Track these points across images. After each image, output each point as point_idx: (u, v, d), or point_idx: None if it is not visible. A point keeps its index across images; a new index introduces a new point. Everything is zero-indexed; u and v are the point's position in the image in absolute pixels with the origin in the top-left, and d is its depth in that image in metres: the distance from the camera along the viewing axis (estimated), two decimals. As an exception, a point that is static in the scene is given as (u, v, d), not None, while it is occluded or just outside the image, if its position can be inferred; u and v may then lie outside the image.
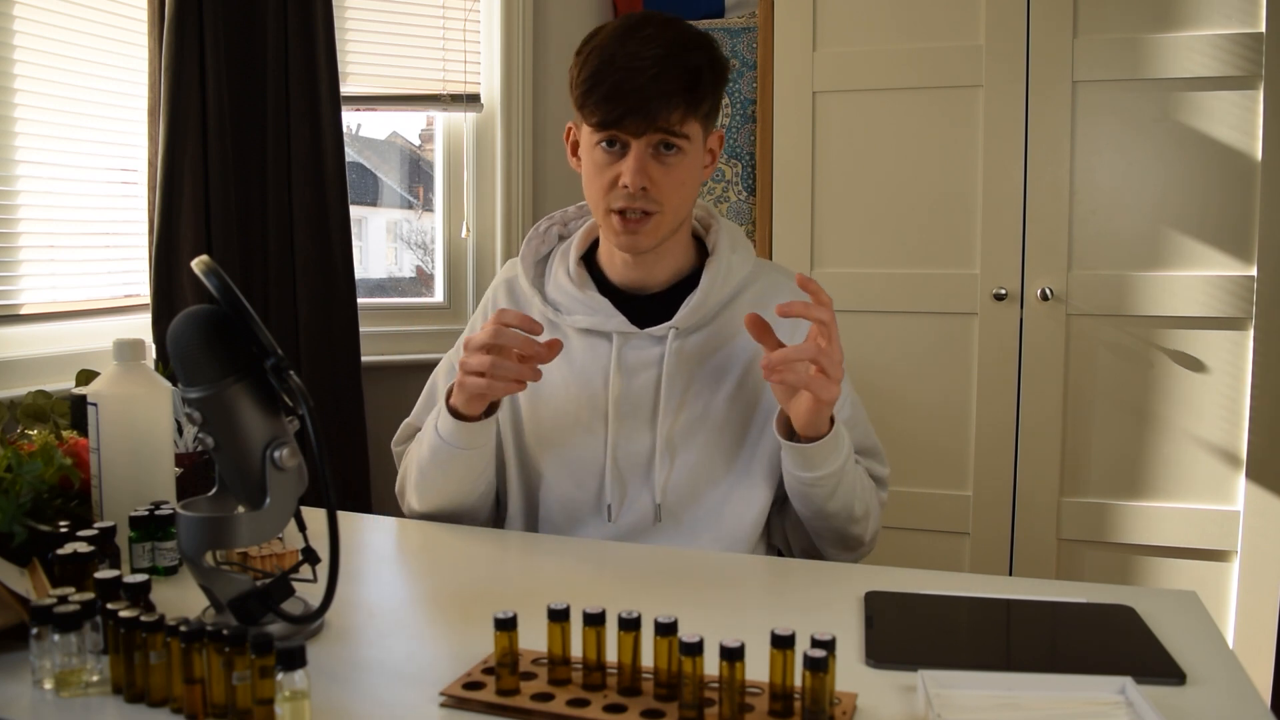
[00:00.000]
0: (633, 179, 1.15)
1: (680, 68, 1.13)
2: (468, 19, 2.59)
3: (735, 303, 1.28)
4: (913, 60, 2.31)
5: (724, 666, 0.71)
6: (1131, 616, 0.94)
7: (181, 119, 2.06)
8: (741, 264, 1.29)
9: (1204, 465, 2.20)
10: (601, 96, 1.13)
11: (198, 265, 0.85)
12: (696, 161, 1.21)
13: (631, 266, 1.27)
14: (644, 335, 1.25)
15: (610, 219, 1.19)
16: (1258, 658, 2.14)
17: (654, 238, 1.20)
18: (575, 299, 1.27)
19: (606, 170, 1.17)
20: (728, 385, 1.25)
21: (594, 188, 1.20)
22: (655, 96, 1.12)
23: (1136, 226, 2.20)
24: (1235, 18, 2.10)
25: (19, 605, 0.85)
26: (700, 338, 1.26)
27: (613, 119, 1.13)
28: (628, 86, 1.11)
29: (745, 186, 2.56)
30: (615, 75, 1.12)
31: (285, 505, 0.88)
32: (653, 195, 1.16)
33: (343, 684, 0.81)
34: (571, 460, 1.26)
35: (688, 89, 1.14)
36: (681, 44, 1.15)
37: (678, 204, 1.19)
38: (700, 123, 1.19)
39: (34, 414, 1.38)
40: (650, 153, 1.16)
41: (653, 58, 1.11)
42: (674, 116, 1.14)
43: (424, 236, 2.85)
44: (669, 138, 1.15)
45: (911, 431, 2.36)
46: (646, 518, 1.25)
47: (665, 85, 1.12)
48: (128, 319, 2.18)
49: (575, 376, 1.26)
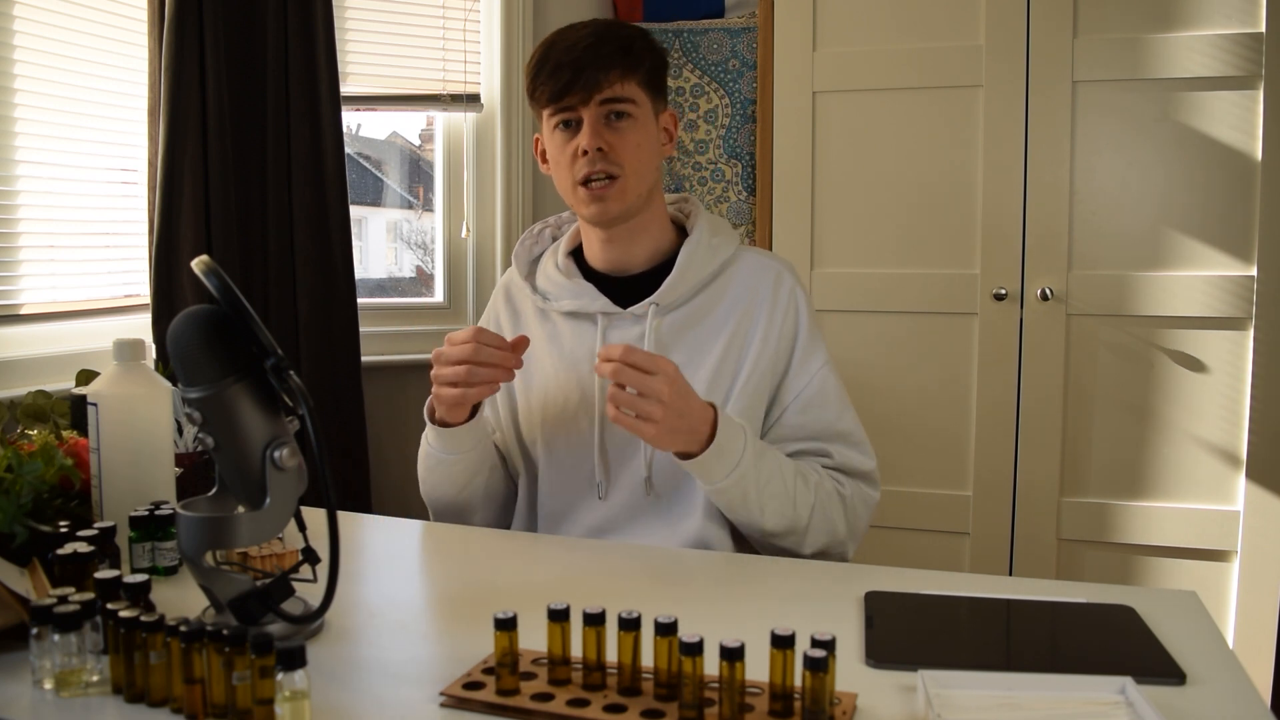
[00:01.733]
0: (589, 140, 1.23)
1: (613, 37, 1.25)
2: (468, 19, 2.59)
3: (716, 282, 1.32)
4: (913, 60, 2.31)
5: (724, 666, 0.71)
6: (1131, 616, 0.94)
7: (181, 119, 2.06)
8: (724, 246, 1.33)
9: (1204, 465, 2.20)
10: (546, 75, 1.24)
11: (198, 265, 0.85)
12: (649, 128, 1.29)
13: (609, 247, 1.33)
14: (627, 315, 1.30)
15: (578, 192, 1.27)
16: (1258, 658, 2.14)
17: (621, 202, 1.26)
18: (562, 286, 1.34)
19: (566, 148, 1.26)
20: (710, 360, 1.28)
21: (560, 171, 1.29)
22: (591, 64, 1.22)
23: (1136, 226, 2.20)
24: (1235, 18, 2.10)
25: (19, 605, 0.85)
26: (681, 315, 1.30)
27: (558, 90, 1.23)
28: (566, 60, 1.23)
29: (745, 186, 2.56)
30: (555, 56, 1.24)
31: (285, 505, 0.88)
32: (611, 158, 1.25)
33: (343, 684, 0.81)
34: (564, 443, 1.31)
35: (622, 52, 1.24)
36: (614, 25, 1.29)
37: (637, 166, 1.26)
38: (643, 89, 1.27)
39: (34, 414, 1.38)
40: (602, 122, 1.25)
41: (587, 34, 1.25)
42: (612, 77, 1.23)
43: (424, 236, 2.85)
44: (615, 105, 1.25)
45: (911, 431, 2.36)
46: (638, 494, 1.28)
47: (600, 51, 1.23)
48: (128, 319, 2.18)
49: (564, 361, 1.32)
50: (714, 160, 2.58)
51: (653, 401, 1.10)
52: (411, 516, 1.37)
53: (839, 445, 1.29)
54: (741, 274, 1.32)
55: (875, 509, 1.32)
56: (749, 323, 1.29)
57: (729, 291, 1.31)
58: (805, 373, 1.29)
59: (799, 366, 1.29)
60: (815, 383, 1.29)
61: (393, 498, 2.50)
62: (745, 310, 1.30)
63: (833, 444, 1.29)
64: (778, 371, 1.29)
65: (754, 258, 1.35)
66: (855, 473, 1.29)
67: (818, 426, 1.29)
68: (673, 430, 1.13)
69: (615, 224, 1.29)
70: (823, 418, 1.29)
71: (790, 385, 1.29)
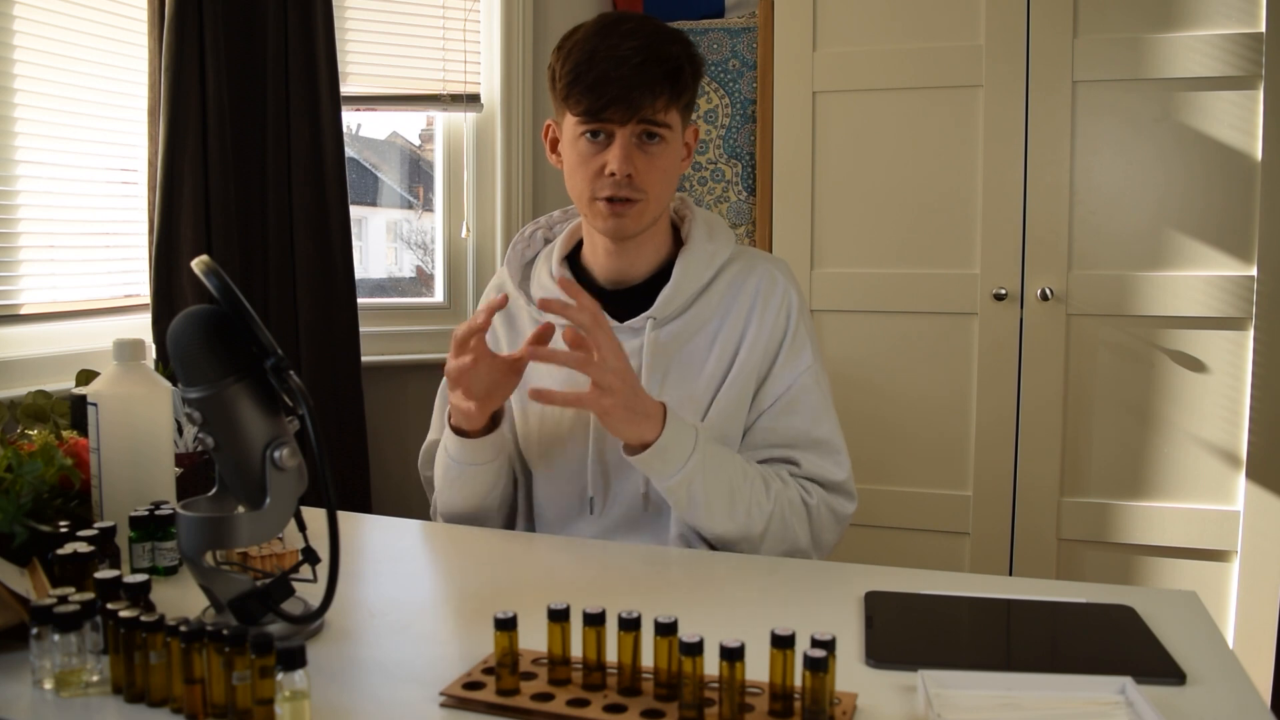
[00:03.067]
0: (619, 165, 1.18)
1: (662, 59, 1.18)
2: (468, 19, 2.59)
3: (712, 287, 1.30)
4: (913, 60, 2.31)
5: (724, 666, 0.71)
6: (1132, 616, 0.94)
7: (181, 119, 2.06)
8: (720, 250, 1.31)
9: (1204, 465, 2.20)
10: (586, 87, 1.17)
11: (198, 265, 0.85)
12: (677, 152, 1.26)
13: (614, 257, 1.30)
14: (624, 328, 1.27)
15: (596, 205, 1.23)
16: (1258, 658, 2.14)
17: (638, 223, 1.24)
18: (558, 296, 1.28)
19: (592, 160, 1.21)
20: (706, 369, 1.27)
21: (578, 178, 1.24)
22: (638, 86, 1.16)
23: (1136, 226, 2.20)
24: (1235, 18, 2.10)
25: (19, 605, 0.85)
26: (677, 326, 1.28)
27: (598, 108, 1.17)
28: (612, 76, 1.15)
29: (745, 186, 2.56)
30: (599, 66, 1.16)
31: (285, 505, 0.88)
32: (637, 183, 1.21)
33: (343, 684, 0.81)
34: (560, 455, 1.29)
35: (670, 80, 1.18)
36: (661, 38, 1.19)
37: (660, 192, 1.24)
38: (680, 114, 1.24)
39: (34, 414, 1.38)
40: (634, 142, 1.20)
41: (635, 49, 1.16)
42: (658, 105, 1.18)
43: (424, 236, 2.85)
44: (652, 127, 1.20)
45: (911, 431, 2.36)
46: (635, 508, 1.27)
47: (648, 75, 1.16)
48: (128, 319, 2.18)
49: (560, 373, 1.28)
50: (714, 160, 2.58)
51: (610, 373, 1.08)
52: (411, 516, 1.37)
53: (811, 454, 1.26)
54: (737, 277, 1.30)
55: (848, 520, 1.28)
56: (741, 325, 1.28)
57: (725, 296, 1.29)
58: (787, 376, 1.27)
59: (781, 369, 1.27)
60: (795, 387, 1.26)
61: (393, 498, 2.50)
62: (739, 314, 1.28)
63: (805, 452, 1.26)
64: (761, 373, 1.27)
65: (750, 260, 1.33)
66: (825, 483, 1.26)
67: (791, 433, 1.26)
68: (628, 408, 1.10)
69: (627, 240, 1.27)
70: (797, 424, 1.26)
71: (770, 389, 1.27)
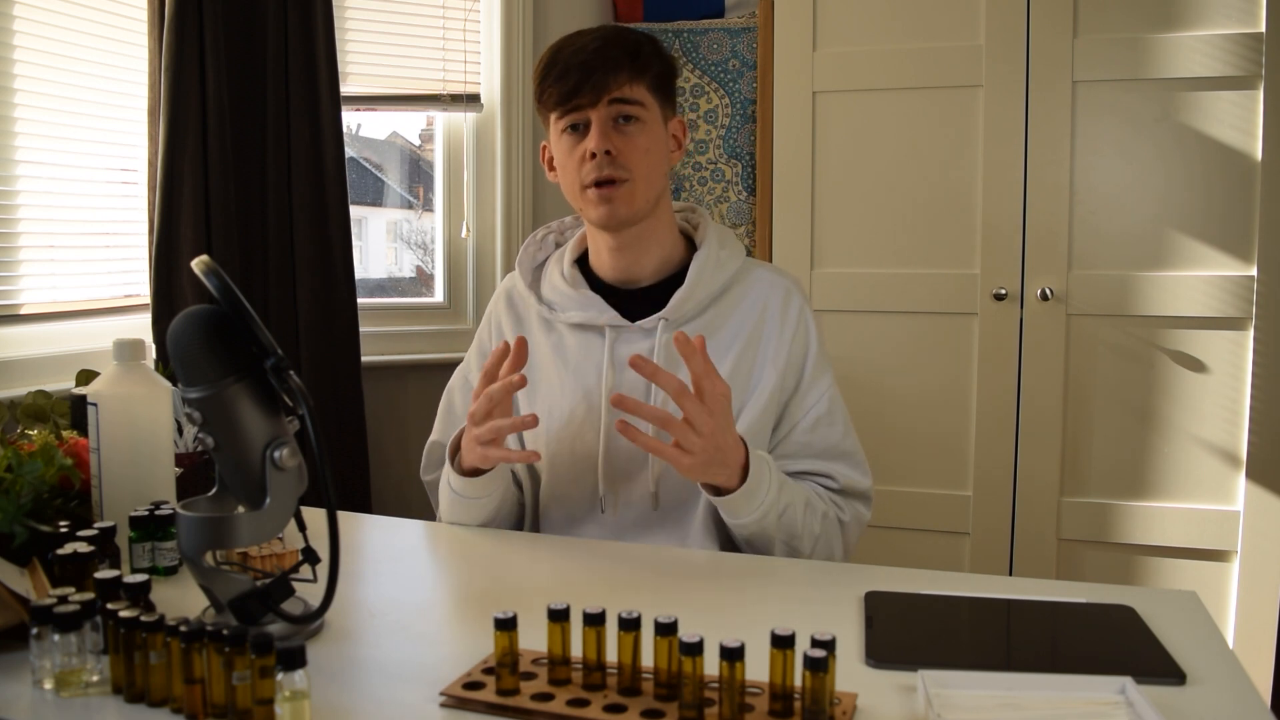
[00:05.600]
0: (597, 142, 1.22)
1: (621, 40, 1.24)
2: (468, 19, 2.59)
3: (724, 297, 1.31)
4: (913, 60, 2.31)
5: (724, 666, 0.71)
6: (1131, 616, 0.94)
7: (181, 119, 2.06)
8: (731, 259, 1.32)
9: (1204, 465, 2.20)
10: (555, 79, 1.23)
11: (198, 265, 0.85)
12: (657, 134, 1.27)
13: (617, 255, 1.31)
14: (635, 329, 1.28)
15: (586, 194, 1.25)
16: (1258, 658, 2.14)
17: (629, 206, 1.25)
18: (569, 297, 1.32)
19: (575, 151, 1.25)
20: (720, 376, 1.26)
21: (568, 175, 1.27)
22: (600, 66, 1.22)
23: (1137, 226, 2.20)
24: (1235, 18, 2.10)
25: (19, 605, 0.85)
26: (690, 330, 1.28)
27: (567, 92, 1.22)
28: (574, 62, 1.22)
29: (745, 186, 2.56)
30: (564, 60, 1.23)
31: (285, 505, 0.88)
32: (620, 162, 1.23)
33: (343, 684, 0.81)
34: (568, 456, 1.29)
35: (630, 55, 1.24)
36: (620, 29, 1.27)
37: (646, 171, 1.25)
38: (651, 93, 1.26)
39: (34, 414, 1.38)
40: (611, 125, 1.24)
41: (595, 38, 1.24)
42: (621, 79, 1.22)
43: (424, 236, 2.85)
44: (624, 107, 1.23)
45: (912, 431, 2.36)
46: (645, 509, 1.27)
47: (608, 53, 1.22)
48: (128, 319, 2.18)
49: (570, 373, 1.30)
50: (714, 160, 2.58)
51: (696, 432, 1.08)
52: (411, 516, 1.37)
53: (842, 465, 1.29)
54: (751, 289, 1.31)
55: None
56: (759, 339, 1.29)
57: (738, 307, 1.30)
58: (815, 391, 1.29)
59: (809, 385, 1.29)
60: (824, 401, 1.29)
61: (393, 498, 2.50)
62: (755, 326, 1.29)
63: (836, 463, 1.29)
64: (787, 388, 1.29)
65: (762, 273, 1.34)
66: (854, 492, 1.30)
67: (823, 445, 1.29)
68: (707, 463, 1.11)
69: (623, 228, 1.27)
70: (829, 436, 1.29)
71: (800, 403, 1.29)
